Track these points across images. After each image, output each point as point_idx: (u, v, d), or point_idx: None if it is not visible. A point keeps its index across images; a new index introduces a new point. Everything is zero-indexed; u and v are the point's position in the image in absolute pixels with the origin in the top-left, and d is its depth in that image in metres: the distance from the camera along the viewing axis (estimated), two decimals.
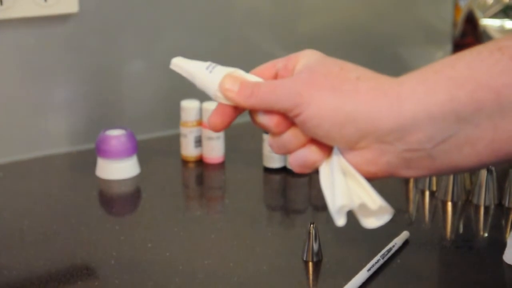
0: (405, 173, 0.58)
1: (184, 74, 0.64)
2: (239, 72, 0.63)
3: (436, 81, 0.55)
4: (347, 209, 0.57)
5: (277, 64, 0.64)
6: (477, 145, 0.55)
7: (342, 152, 0.59)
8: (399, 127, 0.56)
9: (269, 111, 0.60)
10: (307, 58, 0.62)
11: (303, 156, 0.60)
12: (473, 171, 0.92)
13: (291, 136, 0.60)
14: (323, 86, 0.58)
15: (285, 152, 0.62)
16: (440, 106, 0.54)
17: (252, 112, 0.62)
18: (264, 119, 0.61)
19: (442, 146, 0.55)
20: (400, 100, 0.56)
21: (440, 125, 0.55)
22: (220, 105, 0.63)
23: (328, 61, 0.61)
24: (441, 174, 0.58)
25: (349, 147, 0.58)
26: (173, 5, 1.16)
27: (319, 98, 0.58)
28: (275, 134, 0.61)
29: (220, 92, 0.62)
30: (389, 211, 0.58)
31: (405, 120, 0.55)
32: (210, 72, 0.63)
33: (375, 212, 0.58)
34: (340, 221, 0.57)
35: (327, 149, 0.60)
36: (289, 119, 0.60)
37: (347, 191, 0.58)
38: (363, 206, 0.58)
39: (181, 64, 0.64)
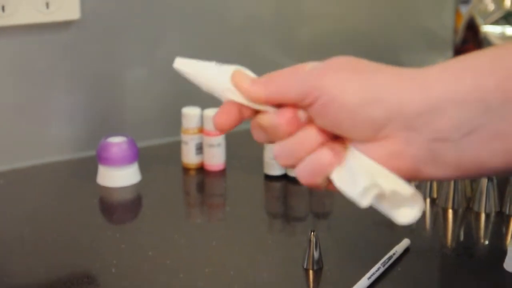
0: (430, 171, 0.55)
1: (189, 73, 0.61)
2: (246, 71, 0.61)
3: (462, 69, 0.54)
4: (374, 191, 0.53)
5: None
6: (506, 141, 0.52)
7: (361, 150, 0.55)
8: (428, 109, 0.53)
9: (281, 104, 0.57)
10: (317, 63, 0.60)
11: (315, 160, 0.56)
12: (499, 174, 0.87)
13: (302, 137, 0.57)
14: (343, 68, 0.56)
15: (294, 160, 0.57)
16: (467, 92, 0.52)
17: (258, 118, 0.59)
18: (274, 118, 0.57)
19: (470, 138, 0.53)
20: (427, 83, 0.54)
21: (468, 111, 0.52)
22: (226, 104, 0.60)
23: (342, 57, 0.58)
24: (466, 176, 0.53)
25: (372, 135, 0.55)
26: (174, 12, 1.17)
27: (341, 78, 0.55)
28: (285, 134, 0.57)
29: (231, 84, 0.59)
30: (420, 200, 0.54)
31: (433, 102, 0.53)
32: (218, 69, 0.61)
33: (407, 200, 0.54)
34: (365, 201, 0.53)
35: (341, 152, 0.56)
36: (300, 118, 0.57)
37: (370, 175, 0.54)
38: (394, 193, 0.53)
39: (185, 63, 0.62)
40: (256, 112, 0.60)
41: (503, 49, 0.54)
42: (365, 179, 0.54)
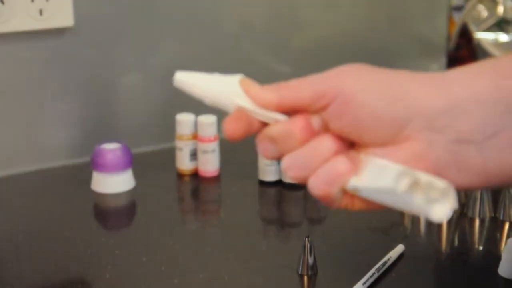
0: (453, 176, 0.52)
1: (192, 84, 0.58)
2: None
3: (481, 70, 0.53)
4: (409, 177, 0.51)
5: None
6: None
7: (380, 155, 0.53)
8: (448, 107, 0.52)
9: (291, 113, 0.55)
10: None
11: (331, 167, 0.53)
12: None
13: (315, 146, 0.54)
14: (359, 69, 0.54)
15: (306, 171, 0.54)
16: (486, 92, 0.52)
17: (268, 129, 0.56)
18: (285, 126, 0.55)
19: (494, 141, 0.52)
20: (446, 83, 0.53)
21: (489, 113, 0.52)
22: (235, 111, 0.56)
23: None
24: (490, 184, 0.53)
25: (392, 135, 0.53)
26: (168, 18, 1.17)
27: (359, 77, 0.53)
28: (297, 144, 0.54)
29: (240, 89, 0.57)
30: (453, 195, 0.51)
31: (454, 101, 0.52)
32: (222, 78, 0.58)
33: (440, 195, 0.50)
34: (401, 185, 0.50)
35: (357, 159, 0.54)
36: (313, 125, 0.55)
37: (401, 166, 0.52)
38: (429, 184, 0.51)
39: (187, 76, 0.59)
40: (264, 125, 0.57)
41: None
42: (397, 167, 0.52)
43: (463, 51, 1.43)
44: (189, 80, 0.59)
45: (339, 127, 0.54)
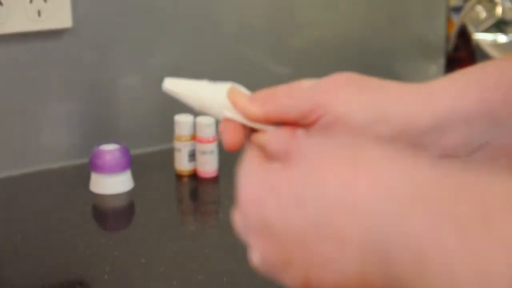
0: None
1: (181, 93, 0.58)
2: (240, 88, 0.58)
3: (467, 83, 0.53)
4: None
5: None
6: None
7: None
8: (435, 124, 0.52)
9: (283, 123, 0.55)
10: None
11: None
12: None
13: None
14: (347, 85, 0.54)
15: None
16: (473, 106, 0.52)
17: (255, 137, 0.56)
18: (275, 139, 0.54)
19: (479, 155, 0.52)
20: (432, 97, 0.53)
21: (474, 127, 0.52)
22: (227, 122, 0.57)
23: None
24: None
25: None
26: (167, 20, 1.17)
27: (345, 95, 0.53)
28: None
29: (228, 101, 0.56)
30: None
31: (440, 118, 0.52)
32: (211, 87, 0.58)
33: None
34: None
35: None
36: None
37: None
38: None
39: (176, 84, 0.59)
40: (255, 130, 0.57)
41: (508, 62, 0.54)
42: None
43: (462, 52, 1.43)
44: (178, 88, 0.59)
45: None
